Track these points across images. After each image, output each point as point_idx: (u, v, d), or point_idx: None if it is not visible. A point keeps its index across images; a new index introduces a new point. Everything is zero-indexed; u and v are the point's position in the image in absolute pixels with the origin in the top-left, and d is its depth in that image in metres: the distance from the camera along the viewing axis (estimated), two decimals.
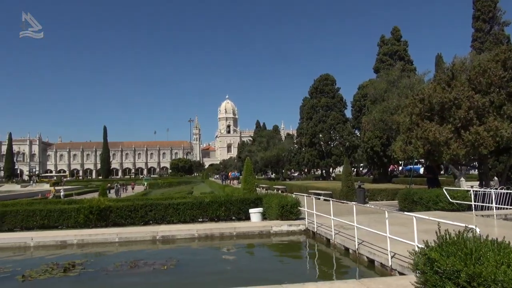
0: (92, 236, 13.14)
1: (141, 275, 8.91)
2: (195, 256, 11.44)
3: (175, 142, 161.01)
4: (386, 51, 41.42)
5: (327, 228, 12.08)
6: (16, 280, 8.55)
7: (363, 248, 9.33)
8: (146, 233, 13.31)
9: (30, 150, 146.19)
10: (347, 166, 23.88)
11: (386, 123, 27.38)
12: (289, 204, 14.36)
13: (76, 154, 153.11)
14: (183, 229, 13.59)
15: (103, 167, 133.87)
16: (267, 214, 15.46)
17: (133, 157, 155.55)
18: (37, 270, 9.16)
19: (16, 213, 14.99)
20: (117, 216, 15.23)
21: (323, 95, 50.39)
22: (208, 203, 15.86)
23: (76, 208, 15.11)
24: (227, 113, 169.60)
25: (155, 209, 15.56)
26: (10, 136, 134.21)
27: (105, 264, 10.00)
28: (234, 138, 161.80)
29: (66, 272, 9.01)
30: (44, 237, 13.06)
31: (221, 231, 13.56)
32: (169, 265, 9.42)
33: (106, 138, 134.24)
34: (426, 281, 4.92)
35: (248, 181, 19.82)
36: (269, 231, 13.73)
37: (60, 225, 15.06)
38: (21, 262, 10.65)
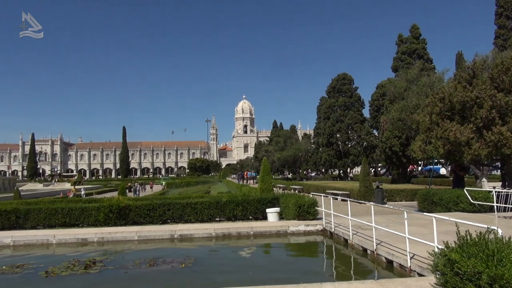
0: (112, 234, 13.38)
1: (160, 273, 9.03)
2: (213, 255, 11.53)
3: (192, 142, 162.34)
4: (404, 49, 40.83)
5: (344, 228, 12.00)
6: (39, 276, 8.79)
7: (381, 248, 9.23)
8: (164, 231, 13.48)
9: (52, 150, 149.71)
10: (365, 166, 23.65)
11: (405, 122, 27.00)
12: (306, 204, 14.32)
13: (96, 154, 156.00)
14: (200, 228, 13.70)
15: (122, 167, 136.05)
16: (284, 214, 15.46)
17: (151, 157, 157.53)
18: (59, 267, 9.39)
19: (39, 211, 15.38)
20: (136, 215, 15.47)
21: (341, 94, 50.02)
22: (225, 203, 15.94)
23: (96, 207, 15.42)
24: (244, 113, 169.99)
25: (173, 208, 15.74)
26: (33, 137, 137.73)
27: (124, 261, 10.19)
28: (251, 138, 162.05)
29: (87, 269, 9.21)
30: (66, 235, 13.37)
31: (238, 230, 13.62)
32: (187, 263, 9.53)
33: (125, 138, 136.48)
34: (446, 282, 4.84)
35: (265, 181, 19.82)
36: (286, 230, 13.72)
37: (81, 223, 15.39)
38: (44, 259, 10.92)
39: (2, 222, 15.09)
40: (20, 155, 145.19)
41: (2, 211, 15.15)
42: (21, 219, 15.23)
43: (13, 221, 15.16)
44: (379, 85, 44.92)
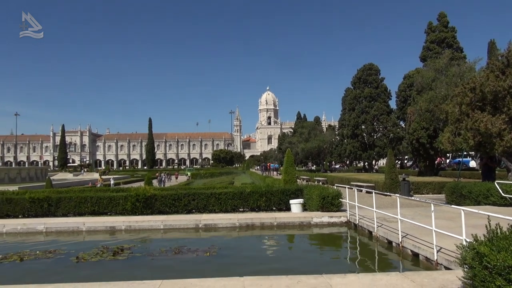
0: (139, 222, 13.72)
1: (185, 260, 9.22)
2: (236, 245, 11.65)
3: (216, 134, 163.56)
4: (433, 38, 39.50)
5: (369, 220, 11.88)
6: (70, 261, 9.14)
7: (407, 241, 9.09)
8: (189, 221, 13.71)
9: (81, 141, 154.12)
10: (391, 158, 23.23)
11: (433, 113, 26.25)
12: (330, 196, 14.24)
13: (123, 145, 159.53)
14: (224, 218, 13.85)
15: (148, 158, 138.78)
16: (308, 205, 15.42)
17: (176, 148, 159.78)
18: (89, 253, 9.73)
19: (69, 200, 15.94)
20: (161, 204, 15.79)
21: (367, 85, 49.08)
22: (249, 193, 16.04)
23: (124, 196, 15.82)
24: (267, 105, 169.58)
25: (198, 199, 15.97)
26: (63, 128, 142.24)
27: (151, 249, 10.45)
28: (274, 130, 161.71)
29: (115, 255, 9.50)
30: (95, 223, 13.81)
31: (262, 221, 13.70)
32: (212, 252, 9.68)
33: (151, 129, 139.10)
34: (474, 276, 4.73)
35: (288, 172, 19.82)
36: (310, 222, 13.69)
37: (109, 212, 15.85)
38: (75, 245, 11.33)
39: (35, 209, 15.73)
40: (51, 146, 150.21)
41: (36, 199, 15.78)
42: (53, 207, 15.82)
43: (46, 209, 15.78)
44: (407, 76, 43.71)
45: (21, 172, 41.82)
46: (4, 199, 15.91)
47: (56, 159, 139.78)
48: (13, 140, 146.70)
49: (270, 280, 6.06)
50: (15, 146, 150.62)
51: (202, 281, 6.05)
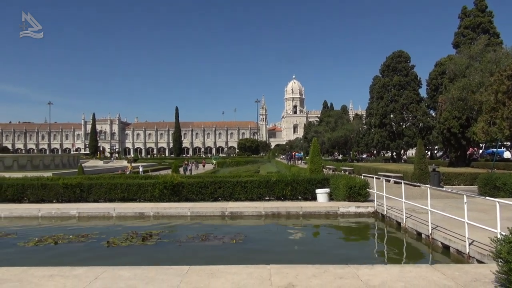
0: (167, 209, 14.00)
1: (211, 247, 9.35)
2: (262, 233, 11.70)
3: (242, 122, 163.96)
4: (468, 24, 37.86)
5: (397, 211, 11.66)
6: (102, 246, 9.44)
7: (437, 233, 8.86)
8: (215, 208, 13.87)
9: (111, 129, 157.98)
10: (420, 148, 22.63)
11: (466, 102, 25.31)
12: (357, 186, 14.05)
13: (151, 133, 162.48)
14: (250, 207, 13.92)
15: (175, 146, 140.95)
16: (334, 194, 15.28)
17: (203, 136, 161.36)
18: (119, 238, 10.02)
19: (100, 186, 16.41)
20: (188, 192, 16.02)
21: (396, 73, 47.76)
22: (275, 182, 16.03)
23: (152, 183, 16.14)
24: (293, 93, 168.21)
25: (224, 187, 16.10)
26: (94, 116, 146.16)
27: (178, 235, 10.65)
28: (300, 119, 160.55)
29: (144, 241, 9.74)
30: (125, 208, 14.19)
31: (288, 210, 13.69)
32: (238, 239, 9.76)
33: (178, 118, 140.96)
34: (509, 270, 4.56)
35: (314, 161, 19.66)
36: (336, 211, 13.58)
37: (138, 198, 16.22)
38: (105, 230, 11.68)
39: (68, 195, 16.31)
40: (83, 133, 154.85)
41: (69, 185, 16.34)
42: (85, 193, 16.34)
43: (78, 195, 16.32)
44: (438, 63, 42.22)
45: (54, 159, 43.32)
46: (40, 185, 16.56)
47: (87, 146, 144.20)
48: (47, 128, 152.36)
49: (296, 268, 6.05)
50: (49, 134, 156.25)
51: (228, 268, 6.11)
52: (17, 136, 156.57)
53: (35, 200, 16.36)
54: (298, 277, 5.58)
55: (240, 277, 5.64)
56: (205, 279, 5.57)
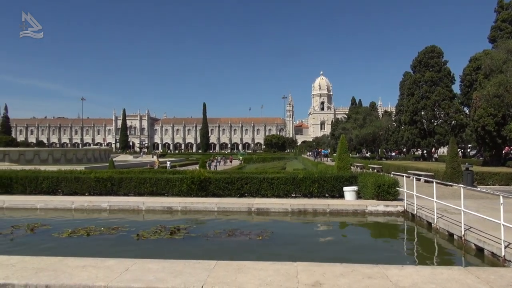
0: (194, 204, 14.18)
1: (238, 243, 9.40)
2: (289, 230, 11.66)
3: (268, 119, 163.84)
4: (505, 17, 36.25)
5: (428, 211, 11.35)
6: (131, 238, 9.67)
7: (470, 234, 8.57)
8: (242, 204, 13.93)
9: (140, 124, 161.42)
10: (453, 146, 21.92)
11: (503, 99, 24.25)
12: (386, 184, 13.77)
13: (179, 129, 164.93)
14: (277, 203, 13.90)
15: (202, 142, 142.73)
16: (362, 193, 15.04)
17: (229, 132, 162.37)
18: (148, 231, 10.23)
19: (130, 180, 16.81)
20: (215, 187, 16.16)
21: (428, 68, 46.36)
22: (302, 179, 15.93)
23: (180, 178, 16.39)
24: (321, 90, 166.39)
25: (250, 183, 16.13)
26: (124, 112, 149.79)
27: (205, 230, 10.77)
28: (327, 115, 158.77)
29: (172, 235, 9.90)
30: (153, 203, 14.48)
31: (314, 207, 13.58)
32: (264, 236, 9.77)
33: (205, 114, 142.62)
34: None
35: (342, 158, 19.41)
36: (364, 210, 13.36)
37: (166, 193, 16.51)
38: (135, 223, 11.96)
39: (100, 188, 16.79)
40: (114, 129, 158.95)
41: (100, 178, 16.82)
42: (115, 187, 16.78)
43: (109, 188, 16.78)
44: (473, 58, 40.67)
45: (87, 153, 44.73)
46: (73, 178, 17.14)
47: (117, 141, 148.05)
48: (80, 123, 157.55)
49: (324, 267, 5.99)
50: (82, 129, 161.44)
51: (255, 264, 6.13)
52: (52, 130, 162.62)
53: (68, 193, 16.94)
54: (325, 276, 5.53)
55: (267, 273, 5.64)
56: (232, 274, 5.60)
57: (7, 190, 17.14)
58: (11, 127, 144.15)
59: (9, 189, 17.20)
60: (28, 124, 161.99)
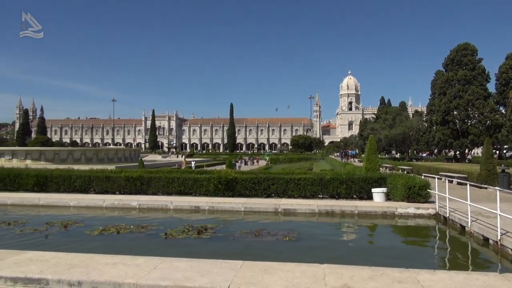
0: (221, 204, 14.26)
1: (265, 243, 9.37)
2: (316, 231, 11.52)
3: (295, 119, 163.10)
4: None
5: (461, 214, 10.96)
6: (160, 237, 9.82)
7: (507, 239, 8.20)
8: (268, 205, 13.89)
9: (169, 125, 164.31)
10: (488, 147, 21.07)
11: None
12: (417, 186, 13.39)
13: (206, 129, 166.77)
14: (303, 204, 13.78)
15: (229, 142, 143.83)
16: (392, 194, 14.69)
17: (256, 133, 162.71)
18: (176, 230, 10.37)
19: (159, 180, 17.11)
20: (242, 187, 16.20)
21: (461, 67, 44.88)
22: (329, 180, 15.74)
23: (207, 178, 16.53)
24: (349, 90, 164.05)
25: (277, 183, 16.08)
26: (153, 113, 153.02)
27: (232, 230, 10.81)
28: (355, 115, 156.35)
29: (199, 234, 9.99)
30: (181, 202, 14.67)
31: (342, 208, 13.38)
32: (291, 237, 9.70)
33: (232, 114, 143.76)
34: None
35: (371, 159, 19.05)
36: (394, 212, 13.04)
37: (193, 192, 16.70)
38: (163, 222, 12.15)
39: (130, 187, 17.18)
40: (143, 129, 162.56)
41: (130, 177, 17.22)
42: (145, 186, 17.13)
43: (138, 187, 17.14)
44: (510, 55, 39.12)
45: (117, 153, 45.91)
46: (104, 177, 17.62)
47: (147, 141, 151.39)
48: (111, 123, 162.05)
49: (352, 269, 5.88)
50: (113, 129, 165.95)
51: (282, 265, 6.08)
52: (84, 131, 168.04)
53: (99, 191, 17.42)
54: (353, 279, 5.42)
55: (294, 275, 5.59)
56: (259, 274, 5.58)
57: (43, 188, 17.84)
58: (47, 127, 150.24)
59: (44, 187, 17.89)
60: (62, 125, 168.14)
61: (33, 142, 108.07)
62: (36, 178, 17.92)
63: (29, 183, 17.89)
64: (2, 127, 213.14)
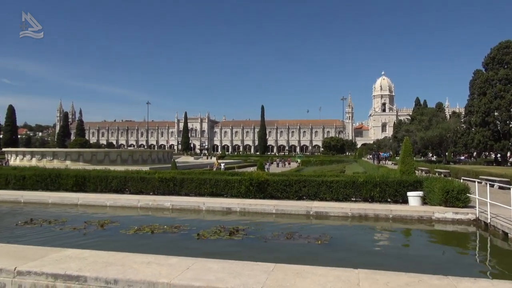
0: (252, 205, 14.27)
1: (297, 246, 9.29)
2: (349, 235, 11.32)
3: (327, 121, 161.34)
4: None
5: (504, 220, 10.43)
6: (192, 237, 9.94)
7: None
8: (300, 207, 13.77)
9: (201, 127, 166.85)
10: None
11: None
12: (455, 190, 12.87)
13: (237, 131, 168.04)
14: (336, 207, 13.57)
15: (260, 144, 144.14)
16: (428, 198, 14.21)
17: (287, 134, 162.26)
18: (208, 231, 10.46)
19: (191, 181, 17.35)
20: (273, 189, 16.16)
21: (502, 66, 42.94)
22: (362, 183, 15.43)
23: (239, 180, 16.60)
24: (382, 90, 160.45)
25: (309, 185, 15.93)
26: (186, 115, 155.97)
27: (263, 232, 10.77)
28: (389, 117, 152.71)
29: (231, 235, 10.03)
30: (213, 203, 14.79)
31: (376, 212, 13.06)
32: (323, 240, 9.56)
33: (263, 116, 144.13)
34: None
35: (406, 162, 18.53)
36: (431, 217, 12.59)
37: (225, 194, 16.81)
38: (195, 223, 12.31)
39: (163, 188, 17.53)
40: (176, 131, 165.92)
41: (163, 179, 17.57)
42: (177, 187, 17.42)
43: (171, 188, 17.46)
44: None
45: (151, 155, 47.06)
46: (139, 178, 18.08)
47: (179, 143, 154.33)
48: (145, 126, 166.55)
49: (387, 275, 5.70)
50: (147, 131, 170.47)
51: (314, 269, 5.99)
52: (120, 133, 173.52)
53: (134, 192, 17.89)
54: (389, 285, 5.25)
55: (327, 279, 5.48)
56: (291, 278, 5.52)
57: (81, 188, 18.52)
58: (85, 129, 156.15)
59: (83, 187, 18.57)
60: (100, 127, 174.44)
61: (72, 143, 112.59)
62: (75, 178, 18.63)
63: (69, 183, 18.63)
64: (44, 129, 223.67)
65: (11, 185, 19.42)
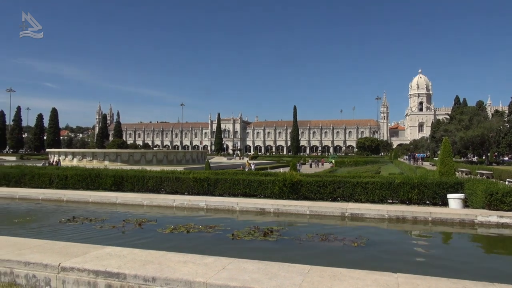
0: (286, 206, 14.19)
1: (332, 248, 9.14)
2: (386, 238, 11.02)
3: (361, 121, 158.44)
4: None
5: None
6: (227, 237, 10.01)
7: None
8: (335, 208, 13.56)
9: (233, 128, 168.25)
10: None
11: None
12: (500, 192, 12.26)
13: (270, 131, 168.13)
14: (372, 209, 13.26)
15: (293, 144, 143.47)
16: (470, 201, 13.62)
17: (320, 135, 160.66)
18: (242, 231, 10.49)
19: (225, 181, 17.49)
20: (307, 190, 16.01)
21: None
22: (399, 184, 15.00)
23: (272, 180, 16.57)
24: (419, 89, 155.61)
25: (343, 187, 15.67)
26: (219, 116, 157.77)
27: (298, 233, 10.69)
28: (426, 116, 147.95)
29: (265, 236, 10.01)
30: (247, 204, 14.83)
31: (414, 215, 12.64)
32: (359, 243, 9.36)
33: (295, 117, 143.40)
34: None
35: (445, 163, 17.87)
36: (473, 220, 12.04)
37: (258, 194, 16.83)
38: (230, 223, 12.37)
39: (197, 188, 17.78)
40: (209, 132, 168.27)
41: (198, 179, 17.82)
42: (211, 187, 17.61)
43: (205, 188, 17.68)
44: None
45: (185, 155, 47.92)
46: (174, 178, 18.43)
47: (212, 143, 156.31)
48: (179, 127, 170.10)
49: (428, 280, 5.49)
50: (181, 132, 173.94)
51: (351, 272, 5.87)
52: (155, 134, 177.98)
53: (170, 191, 18.25)
54: None
55: (364, 283, 5.36)
56: (327, 280, 5.44)
57: (119, 187, 19.12)
58: (122, 131, 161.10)
59: (121, 186, 19.16)
60: (136, 128, 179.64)
61: (111, 144, 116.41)
62: (113, 178, 19.26)
63: (107, 182, 19.28)
64: (84, 131, 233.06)
65: (54, 184, 20.34)
